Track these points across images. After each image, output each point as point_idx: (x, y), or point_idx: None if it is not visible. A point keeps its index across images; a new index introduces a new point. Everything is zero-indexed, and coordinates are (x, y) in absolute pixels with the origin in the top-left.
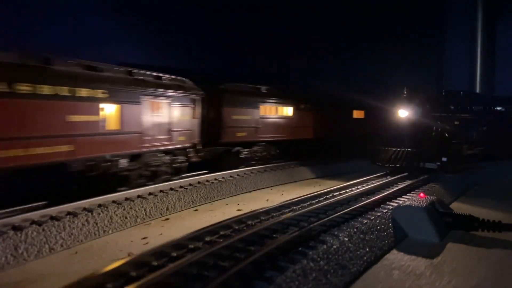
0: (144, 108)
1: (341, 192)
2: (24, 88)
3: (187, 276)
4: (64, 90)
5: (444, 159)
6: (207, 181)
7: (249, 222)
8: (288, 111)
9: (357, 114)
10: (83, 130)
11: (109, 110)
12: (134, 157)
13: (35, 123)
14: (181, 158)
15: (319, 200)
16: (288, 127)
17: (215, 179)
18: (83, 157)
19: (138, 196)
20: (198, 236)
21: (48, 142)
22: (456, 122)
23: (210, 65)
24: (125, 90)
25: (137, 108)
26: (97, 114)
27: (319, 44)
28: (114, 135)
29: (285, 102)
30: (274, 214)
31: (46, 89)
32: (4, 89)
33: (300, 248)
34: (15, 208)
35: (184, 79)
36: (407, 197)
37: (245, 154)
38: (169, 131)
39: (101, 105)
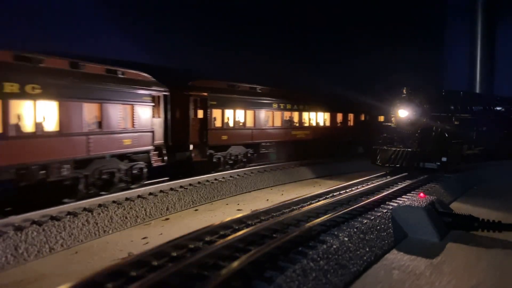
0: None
1: (341, 192)
2: None
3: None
4: None
5: (444, 159)
6: (207, 181)
7: (249, 222)
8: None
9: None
10: None
11: (45, 109)
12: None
13: None
14: (141, 164)
15: (319, 200)
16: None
17: (215, 179)
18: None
19: (138, 196)
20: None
21: None
22: (456, 122)
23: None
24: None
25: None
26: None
27: (317, 44)
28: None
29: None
30: (274, 214)
31: None
32: None
33: (300, 248)
34: None
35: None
36: (407, 197)
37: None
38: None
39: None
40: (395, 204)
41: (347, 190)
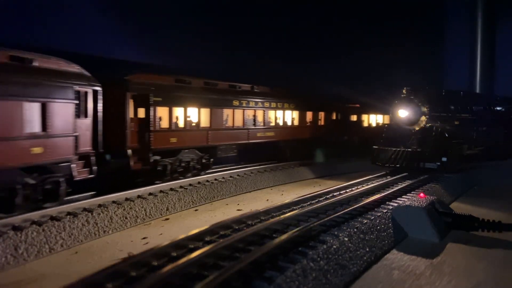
0: None
1: (341, 192)
2: None
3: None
4: None
5: (444, 159)
6: (207, 181)
7: (249, 222)
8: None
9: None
10: None
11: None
12: None
13: None
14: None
15: (319, 200)
16: None
17: (215, 179)
18: None
19: (138, 196)
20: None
21: None
22: (456, 122)
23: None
24: None
25: None
26: None
27: (318, 44)
28: None
29: None
30: (274, 214)
31: None
32: None
33: (300, 248)
34: None
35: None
36: (407, 197)
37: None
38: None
39: None
40: (395, 204)
41: (347, 190)
